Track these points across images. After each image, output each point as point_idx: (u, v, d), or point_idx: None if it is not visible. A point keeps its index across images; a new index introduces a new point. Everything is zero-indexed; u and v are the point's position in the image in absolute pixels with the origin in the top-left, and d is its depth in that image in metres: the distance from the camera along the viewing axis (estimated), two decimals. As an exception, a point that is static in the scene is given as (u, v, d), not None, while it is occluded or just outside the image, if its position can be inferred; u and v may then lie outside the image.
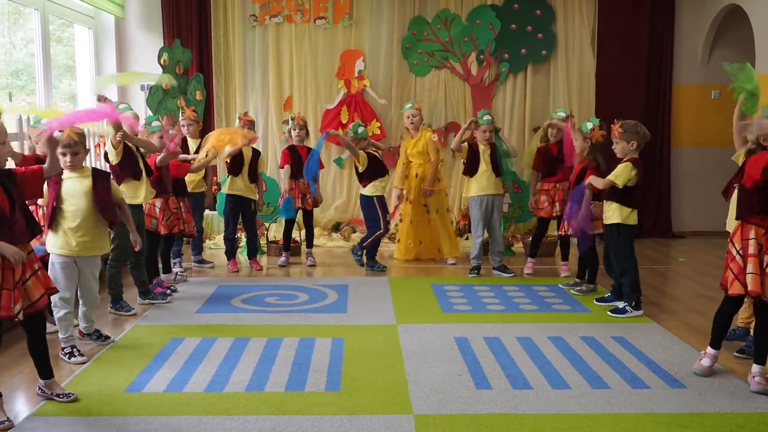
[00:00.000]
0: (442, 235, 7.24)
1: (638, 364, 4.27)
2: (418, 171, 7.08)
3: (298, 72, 8.58)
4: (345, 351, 4.48)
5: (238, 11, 8.48)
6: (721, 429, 3.41)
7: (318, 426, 3.39)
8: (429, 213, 7.19)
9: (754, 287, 3.73)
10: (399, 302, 5.67)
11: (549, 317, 5.28)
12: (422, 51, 8.57)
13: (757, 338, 3.95)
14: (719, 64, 8.64)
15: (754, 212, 3.77)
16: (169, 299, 5.67)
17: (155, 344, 4.61)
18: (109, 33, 8.25)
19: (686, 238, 8.85)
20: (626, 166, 5.10)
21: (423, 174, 7.05)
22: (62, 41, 7.85)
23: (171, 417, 3.49)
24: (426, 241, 7.24)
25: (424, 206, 7.15)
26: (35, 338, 3.64)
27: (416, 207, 7.14)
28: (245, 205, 6.86)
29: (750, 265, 3.75)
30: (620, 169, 5.11)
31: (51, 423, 3.44)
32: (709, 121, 8.80)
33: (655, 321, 5.18)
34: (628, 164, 5.10)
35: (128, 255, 5.34)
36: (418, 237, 7.23)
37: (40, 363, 3.67)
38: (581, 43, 8.66)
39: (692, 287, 6.34)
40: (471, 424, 3.43)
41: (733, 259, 3.85)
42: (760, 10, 7.44)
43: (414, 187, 7.11)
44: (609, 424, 3.44)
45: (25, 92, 6.84)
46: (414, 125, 7.05)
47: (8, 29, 6.65)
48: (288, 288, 6.17)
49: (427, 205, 7.16)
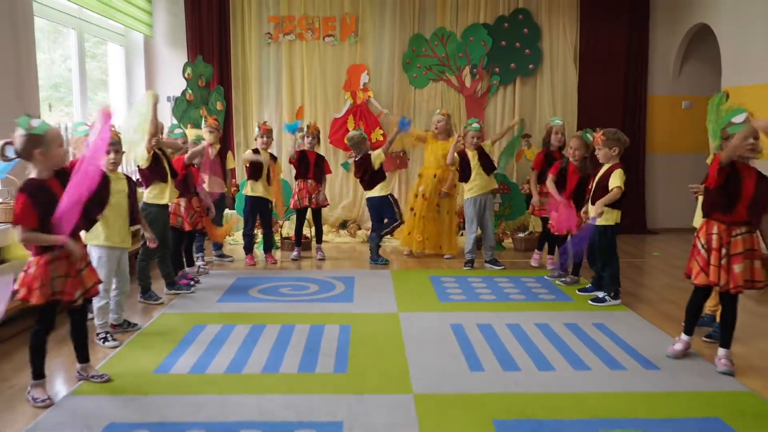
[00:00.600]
0: (446, 233, 7.22)
1: (616, 348, 4.26)
2: (436, 172, 7.03)
3: (308, 84, 8.57)
4: (351, 337, 4.48)
5: (254, 30, 8.48)
6: (691, 406, 3.41)
7: (327, 404, 3.39)
8: (439, 212, 7.15)
9: (714, 278, 3.79)
10: (400, 292, 5.67)
11: (536, 306, 5.27)
12: (421, 65, 8.56)
13: (723, 324, 3.96)
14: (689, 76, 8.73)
15: (716, 210, 3.80)
16: (192, 290, 5.68)
17: (180, 330, 4.61)
18: (139, 50, 8.25)
19: (659, 234, 8.84)
20: (619, 172, 5.06)
21: (441, 176, 7.01)
22: (96, 57, 7.85)
23: (195, 395, 3.50)
24: (432, 237, 7.19)
25: (437, 206, 7.12)
26: (79, 325, 3.68)
27: (430, 205, 7.08)
28: (263, 205, 6.87)
29: (712, 257, 3.79)
30: (618, 177, 5.05)
31: (88, 400, 3.45)
32: (680, 129, 8.81)
33: (632, 309, 5.17)
34: (620, 170, 5.06)
35: (156, 250, 5.35)
36: (425, 232, 7.16)
37: (80, 348, 3.70)
38: (565, 58, 8.65)
39: (665, 279, 6.33)
40: (465, 402, 3.44)
41: (698, 253, 3.88)
42: (727, 29, 7.43)
43: (430, 186, 7.05)
44: (590, 402, 3.44)
45: (63, 104, 6.84)
46: (438, 130, 7.00)
47: (48, 47, 6.66)
48: (300, 280, 6.17)
49: (439, 205, 7.12)
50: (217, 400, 3.44)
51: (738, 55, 7.17)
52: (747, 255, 3.75)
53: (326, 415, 3.26)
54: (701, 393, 3.58)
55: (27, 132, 3.26)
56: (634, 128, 8.69)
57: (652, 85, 8.88)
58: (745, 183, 3.70)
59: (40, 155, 3.28)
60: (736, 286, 3.75)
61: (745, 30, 7.03)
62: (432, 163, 7.08)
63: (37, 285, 3.31)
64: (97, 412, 3.30)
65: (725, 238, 3.77)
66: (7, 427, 3.16)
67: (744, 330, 4.64)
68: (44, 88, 6.14)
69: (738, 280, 3.74)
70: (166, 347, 4.26)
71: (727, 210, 3.74)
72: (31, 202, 3.24)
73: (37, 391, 3.42)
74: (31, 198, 3.24)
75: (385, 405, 3.39)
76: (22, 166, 3.40)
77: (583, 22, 8.61)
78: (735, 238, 3.75)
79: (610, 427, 3.16)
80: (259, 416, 3.26)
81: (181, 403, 3.40)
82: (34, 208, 3.24)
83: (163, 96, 8.30)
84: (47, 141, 3.30)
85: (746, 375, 3.83)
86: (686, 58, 8.78)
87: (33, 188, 3.28)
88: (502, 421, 3.21)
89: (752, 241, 3.75)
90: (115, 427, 3.14)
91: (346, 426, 3.15)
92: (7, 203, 4.84)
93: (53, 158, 3.34)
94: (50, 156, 3.32)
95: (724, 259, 3.77)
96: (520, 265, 6.75)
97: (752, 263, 3.76)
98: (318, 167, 7.00)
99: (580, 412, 3.32)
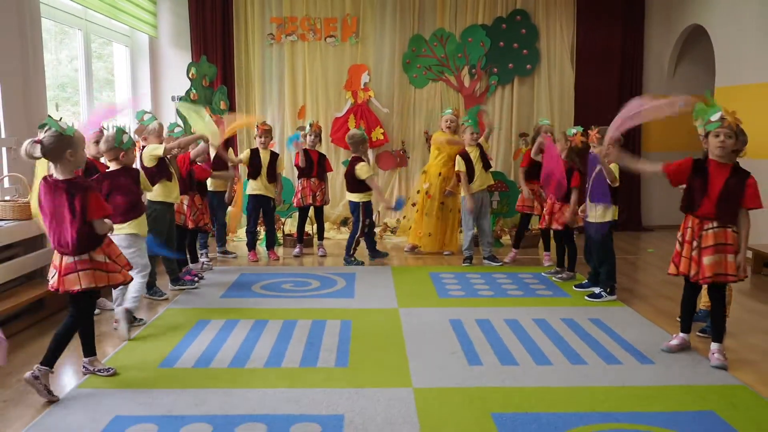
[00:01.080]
0: (449, 231, 7.20)
1: (612, 343, 4.26)
2: (441, 170, 6.99)
3: (310, 84, 8.56)
4: (352, 332, 4.48)
5: (257, 31, 8.47)
6: (685, 399, 3.41)
7: (329, 398, 3.39)
8: (443, 210, 7.11)
9: (683, 269, 3.91)
10: (400, 288, 5.67)
11: (533, 301, 5.27)
12: (421, 65, 8.55)
13: (713, 319, 3.98)
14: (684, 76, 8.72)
15: (686, 206, 3.92)
16: (196, 286, 5.68)
17: (185, 325, 4.61)
18: (144, 50, 8.24)
19: (654, 231, 8.83)
20: (615, 166, 5.08)
21: (446, 174, 6.97)
22: (102, 58, 7.84)
23: (199, 389, 3.50)
24: (435, 234, 7.16)
25: (441, 204, 7.08)
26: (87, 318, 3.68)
27: (434, 202, 7.04)
28: (265, 202, 6.87)
29: (684, 250, 3.91)
30: (615, 170, 5.08)
31: (94, 394, 3.45)
32: (675, 129, 8.76)
33: (627, 305, 5.17)
34: (615, 165, 5.08)
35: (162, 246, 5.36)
36: (428, 229, 7.15)
37: (87, 342, 3.70)
38: (561, 59, 8.64)
39: (660, 275, 6.32)
40: (464, 396, 3.44)
41: (676, 245, 4.00)
42: (720, 30, 7.42)
43: (435, 185, 7.02)
44: (586, 396, 3.44)
45: (70, 103, 6.83)
46: (450, 129, 6.93)
47: (55, 47, 6.65)
48: (302, 276, 6.16)
49: (444, 203, 7.09)
50: (220, 393, 3.44)
51: (732, 55, 7.16)
52: (718, 249, 3.79)
53: (327, 409, 3.26)
54: (695, 387, 3.58)
55: (58, 132, 3.30)
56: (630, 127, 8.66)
57: (647, 85, 8.88)
58: (713, 181, 3.78)
59: (70, 156, 3.34)
60: (704, 278, 3.81)
61: (739, 31, 7.02)
62: (438, 161, 7.03)
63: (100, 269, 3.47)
64: (102, 405, 3.30)
65: (697, 231, 3.85)
66: (14, 420, 3.16)
67: (737, 325, 4.65)
68: (51, 88, 6.13)
69: (706, 271, 3.80)
70: (170, 342, 4.26)
71: (694, 206, 3.84)
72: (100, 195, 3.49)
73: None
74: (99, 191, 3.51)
75: (385, 399, 3.38)
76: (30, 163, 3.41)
77: (580, 23, 8.61)
78: (706, 232, 3.82)
79: (605, 421, 3.16)
80: (262, 409, 3.26)
81: (186, 397, 3.40)
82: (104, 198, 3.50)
83: (167, 95, 8.32)
84: (76, 142, 3.37)
85: (739, 369, 3.84)
86: (681, 58, 8.78)
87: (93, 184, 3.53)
88: (500, 415, 3.21)
89: (725, 235, 3.79)
90: (121, 420, 3.14)
91: (346, 419, 3.15)
92: (15, 200, 4.84)
93: (79, 159, 3.42)
94: (77, 157, 3.39)
95: (695, 252, 3.85)
96: (517, 262, 6.74)
97: (725, 257, 3.79)
98: (321, 166, 7.00)
99: (576, 406, 3.32)
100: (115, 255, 3.59)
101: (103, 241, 3.51)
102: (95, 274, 3.45)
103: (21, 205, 4.75)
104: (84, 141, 3.49)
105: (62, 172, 3.37)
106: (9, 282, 4.68)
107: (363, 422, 3.13)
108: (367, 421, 3.14)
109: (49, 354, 3.44)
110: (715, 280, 3.81)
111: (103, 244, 3.50)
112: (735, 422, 3.14)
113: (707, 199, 3.78)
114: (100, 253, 3.47)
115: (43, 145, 3.27)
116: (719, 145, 3.75)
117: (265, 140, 6.80)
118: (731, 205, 3.75)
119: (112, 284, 3.57)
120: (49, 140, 3.28)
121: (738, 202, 3.75)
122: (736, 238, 3.79)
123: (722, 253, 3.78)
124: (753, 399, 3.43)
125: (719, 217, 3.77)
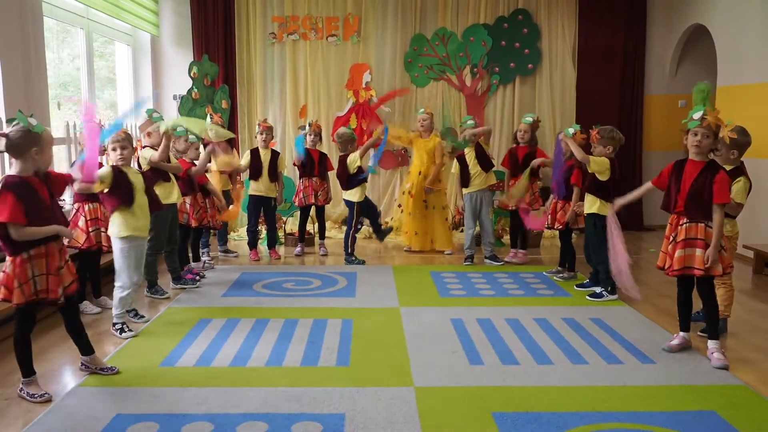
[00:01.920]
0: (438, 229, 7.21)
1: (613, 343, 4.26)
2: (421, 169, 7.02)
3: (312, 83, 8.56)
4: (354, 331, 4.48)
5: (259, 30, 8.46)
6: (686, 399, 3.41)
7: (330, 397, 3.39)
8: (427, 208, 7.14)
9: (659, 263, 4.04)
10: (401, 288, 5.67)
11: (534, 301, 5.27)
12: (422, 65, 8.54)
13: (705, 316, 4.06)
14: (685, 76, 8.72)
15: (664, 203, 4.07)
16: (198, 284, 5.68)
17: (186, 324, 4.62)
18: (146, 49, 8.24)
19: (655, 230, 8.81)
20: (603, 160, 5.12)
21: (426, 173, 7.00)
22: (104, 56, 7.85)
23: (200, 388, 3.50)
24: (421, 233, 7.19)
25: (424, 202, 7.12)
26: (72, 319, 3.64)
27: (417, 202, 7.07)
28: (266, 202, 6.87)
29: (663, 245, 4.03)
30: (599, 159, 5.16)
31: (95, 393, 3.46)
32: (676, 128, 8.70)
33: (628, 304, 5.17)
34: (606, 159, 5.12)
35: (163, 245, 5.37)
36: (414, 228, 7.19)
37: (79, 341, 3.67)
38: (563, 58, 8.63)
39: (661, 274, 6.23)
40: (465, 395, 3.44)
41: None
42: (722, 29, 7.41)
43: (417, 184, 7.05)
44: (587, 396, 3.44)
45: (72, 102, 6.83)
46: (425, 128, 6.99)
47: (57, 46, 6.65)
48: (303, 275, 6.17)
49: (426, 201, 7.12)
50: (221, 392, 3.45)
51: (733, 55, 7.15)
52: (688, 243, 3.85)
53: (328, 408, 3.27)
54: (696, 387, 3.57)
55: (26, 128, 3.23)
56: (631, 127, 8.67)
57: (648, 84, 8.86)
58: (685, 178, 3.87)
59: (35, 154, 3.26)
60: (673, 271, 3.91)
61: (741, 30, 7.01)
62: (418, 160, 7.07)
63: (16, 284, 3.25)
64: (104, 404, 3.31)
65: (675, 227, 3.95)
66: (16, 419, 3.17)
67: (738, 324, 4.65)
68: (53, 87, 6.14)
69: (675, 264, 3.89)
70: (172, 341, 4.26)
71: (670, 204, 3.97)
72: (18, 199, 3.18)
73: (32, 388, 3.39)
74: (17, 196, 3.18)
75: (386, 398, 3.38)
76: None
77: (582, 22, 8.59)
78: (681, 227, 3.90)
79: (606, 420, 3.16)
80: (263, 408, 3.26)
81: (187, 396, 3.40)
82: (22, 204, 3.19)
83: (170, 94, 8.32)
84: (44, 141, 3.29)
85: (740, 369, 3.83)
86: (682, 58, 8.76)
87: (17, 185, 3.22)
88: (500, 414, 3.21)
89: (696, 230, 3.84)
90: (122, 419, 3.14)
91: (348, 418, 3.15)
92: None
93: (45, 158, 3.33)
94: (43, 156, 3.31)
95: (671, 246, 3.95)
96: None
97: (693, 251, 3.84)
98: (322, 165, 7.00)
99: (577, 405, 3.31)
100: (55, 267, 3.37)
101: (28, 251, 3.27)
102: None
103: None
104: (52, 141, 3.38)
105: (22, 170, 3.26)
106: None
107: (364, 421, 3.13)
108: (368, 420, 3.14)
109: (21, 367, 3.40)
110: (684, 273, 3.90)
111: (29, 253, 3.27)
112: (736, 422, 3.14)
113: (680, 196, 3.88)
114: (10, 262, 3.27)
115: (9, 139, 3.21)
116: (695, 144, 3.83)
117: (266, 138, 6.80)
118: (701, 201, 3.81)
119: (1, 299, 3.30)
120: (15, 135, 3.21)
121: (708, 198, 3.79)
122: (709, 234, 3.83)
123: (692, 247, 3.85)
124: (754, 399, 3.43)
125: (688, 213, 3.86)
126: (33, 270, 3.30)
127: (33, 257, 3.30)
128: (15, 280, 3.25)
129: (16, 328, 3.40)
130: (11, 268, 3.26)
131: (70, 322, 3.64)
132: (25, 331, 3.41)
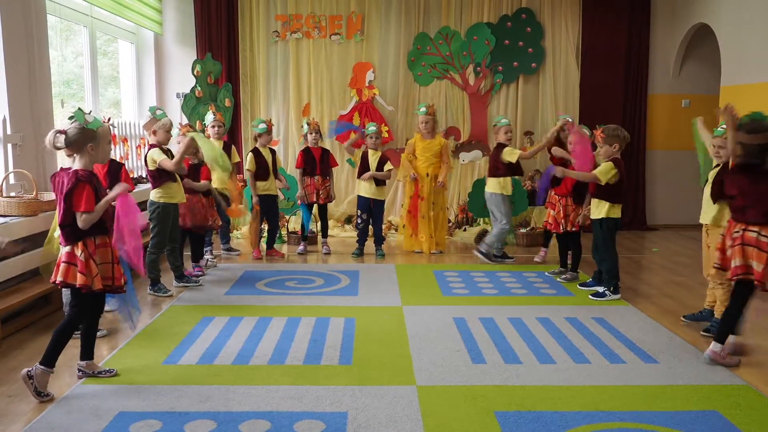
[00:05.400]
0: (437, 229, 7.14)
1: (616, 342, 4.26)
2: (429, 171, 6.92)
3: (315, 82, 8.56)
4: (356, 329, 4.48)
5: (262, 28, 8.47)
6: (689, 399, 3.41)
7: (332, 395, 3.40)
8: (434, 210, 7.04)
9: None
10: (404, 286, 5.67)
11: (537, 300, 5.27)
12: (425, 63, 8.54)
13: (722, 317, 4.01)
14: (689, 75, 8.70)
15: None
16: (200, 283, 5.69)
17: (189, 322, 4.62)
18: (149, 47, 8.25)
19: (659, 230, 8.81)
20: (607, 164, 5.08)
21: (434, 173, 6.92)
22: (108, 54, 7.85)
23: (203, 386, 3.51)
24: (416, 233, 7.11)
25: (432, 203, 7.00)
26: (94, 321, 3.65)
27: (427, 203, 6.97)
28: (268, 201, 6.86)
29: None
30: (603, 167, 5.09)
31: (98, 390, 3.47)
32: (680, 127, 8.75)
33: (631, 304, 5.16)
34: (609, 163, 5.08)
35: (165, 243, 5.38)
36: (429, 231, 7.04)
37: (88, 344, 3.66)
38: (567, 57, 8.62)
39: (664, 274, 6.32)
40: (467, 394, 3.44)
41: None
42: (726, 29, 7.39)
43: (427, 186, 6.94)
44: (590, 395, 3.44)
45: (75, 99, 6.84)
46: (427, 129, 6.93)
47: (60, 44, 6.65)
48: (306, 273, 6.17)
49: (434, 203, 7.02)
50: (223, 390, 3.45)
51: (737, 54, 7.13)
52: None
53: (331, 406, 3.27)
54: (699, 386, 3.57)
55: (83, 126, 3.36)
56: (634, 126, 8.66)
57: (652, 83, 8.85)
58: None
59: (91, 149, 3.38)
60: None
61: (745, 30, 6.99)
62: (423, 162, 6.95)
63: (96, 271, 3.38)
64: (106, 402, 3.32)
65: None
66: (19, 416, 3.18)
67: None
68: (56, 84, 6.14)
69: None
70: (174, 339, 4.27)
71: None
72: (92, 191, 3.35)
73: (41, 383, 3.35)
74: (91, 187, 3.36)
75: (388, 396, 3.39)
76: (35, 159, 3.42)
77: (585, 21, 8.58)
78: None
79: (609, 420, 3.16)
80: (266, 406, 3.26)
81: (189, 394, 3.41)
82: (94, 195, 3.36)
83: (172, 93, 8.33)
84: (99, 137, 3.41)
85: (743, 369, 3.83)
86: (686, 57, 8.74)
87: (89, 178, 3.38)
88: (503, 413, 3.21)
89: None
90: (125, 416, 3.15)
91: (350, 416, 3.16)
92: (20, 197, 4.85)
93: (102, 153, 3.47)
94: (99, 151, 3.43)
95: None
96: (519, 261, 6.73)
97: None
98: (324, 163, 7.00)
99: (580, 405, 3.31)
100: (103, 260, 3.45)
101: (87, 238, 3.38)
102: (69, 269, 3.37)
103: (27, 201, 4.76)
104: (108, 136, 3.52)
105: (84, 164, 3.40)
106: (14, 278, 4.70)
107: (366, 419, 3.13)
108: (370, 418, 3.14)
109: (47, 353, 3.41)
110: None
111: (86, 240, 3.38)
112: (739, 422, 3.14)
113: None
114: (81, 248, 3.37)
115: (67, 136, 3.36)
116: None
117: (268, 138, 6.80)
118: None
119: (79, 285, 3.35)
120: (72, 132, 3.36)
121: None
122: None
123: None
124: (757, 399, 3.43)
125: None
126: (100, 258, 3.44)
127: (98, 246, 3.44)
128: (92, 267, 3.37)
129: (72, 314, 3.49)
130: (84, 256, 3.36)
131: (92, 319, 3.64)
132: (76, 322, 3.52)
